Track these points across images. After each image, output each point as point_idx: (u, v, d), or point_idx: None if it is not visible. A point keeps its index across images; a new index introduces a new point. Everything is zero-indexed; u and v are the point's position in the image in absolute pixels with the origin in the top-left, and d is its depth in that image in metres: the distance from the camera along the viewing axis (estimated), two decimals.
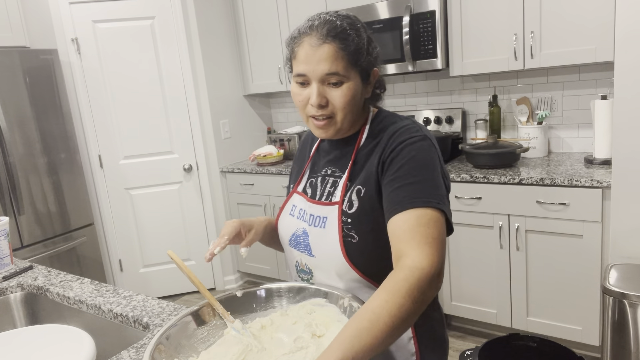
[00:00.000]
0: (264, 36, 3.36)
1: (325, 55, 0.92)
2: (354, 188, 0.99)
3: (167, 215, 3.45)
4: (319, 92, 0.94)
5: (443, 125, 2.98)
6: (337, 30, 0.93)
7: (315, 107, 0.96)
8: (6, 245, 1.63)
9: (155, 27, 3.21)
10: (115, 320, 1.27)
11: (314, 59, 0.92)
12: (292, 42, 0.97)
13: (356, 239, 0.96)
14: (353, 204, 0.98)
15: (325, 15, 0.96)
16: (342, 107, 0.95)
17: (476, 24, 2.50)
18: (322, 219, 1.01)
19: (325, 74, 0.93)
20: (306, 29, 0.94)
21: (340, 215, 0.98)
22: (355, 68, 0.95)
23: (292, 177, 1.20)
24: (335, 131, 1.00)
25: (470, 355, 1.94)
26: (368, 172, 0.98)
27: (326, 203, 1.02)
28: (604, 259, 2.12)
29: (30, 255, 2.81)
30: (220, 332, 0.99)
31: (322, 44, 0.92)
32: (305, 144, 1.22)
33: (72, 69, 3.13)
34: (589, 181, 2.09)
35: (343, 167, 1.04)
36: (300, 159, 1.21)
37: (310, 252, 1.04)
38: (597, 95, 2.51)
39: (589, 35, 2.22)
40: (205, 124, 3.40)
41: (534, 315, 2.37)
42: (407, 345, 1.01)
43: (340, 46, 0.92)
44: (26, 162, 2.82)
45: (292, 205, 1.11)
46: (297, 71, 0.96)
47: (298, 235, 1.06)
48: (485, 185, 2.36)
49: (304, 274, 1.07)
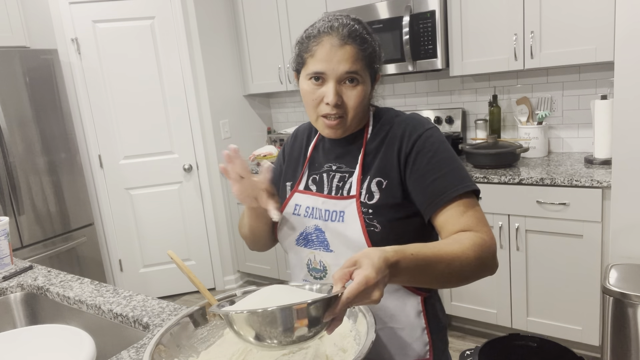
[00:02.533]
0: (264, 36, 3.36)
1: (347, 56, 0.94)
2: (371, 180, 1.00)
3: (167, 215, 3.45)
4: (336, 91, 0.96)
5: (443, 125, 2.98)
6: (357, 33, 0.96)
7: (331, 106, 0.97)
8: (6, 245, 1.63)
9: (155, 27, 3.21)
10: (115, 320, 1.27)
11: (335, 58, 0.94)
12: (309, 41, 0.98)
13: (379, 228, 0.97)
14: (374, 195, 0.99)
15: (342, 18, 0.98)
16: (354, 107, 0.98)
17: (476, 24, 2.50)
18: (339, 214, 1.01)
19: (345, 72, 0.95)
20: (327, 29, 0.96)
21: (360, 207, 0.99)
22: (369, 71, 0.99)
23: (288, 175, 1.16)
24: (343, 131, 1.02)
25: (470, 355, 1.94)
26: (385, 164, 1.00)
27: (342, 197, 1.02)
28: (604, 259, 2.12)
29: (30, 255, 2.81)
30: (220, 332, 0.99)
31: (344, 44, 0.95)
32: (298, 143, 1.19)
33: (72, 69, 3.13)
34: (589, 181, 2.09)
35: (351, 162, 1.05)
36: (293, 158, 1.17)
37: (327, 247, 1.03)
38: (597, 95, 2.51)
39: (589, 35, 2.22)
40: (205, 124, 3.40)
41: (534, 315, 2.37)
42: (422, 336, 1.04)
43: (360, 48, 0.96)
44: (26, 162, 2.82)
45: (295, 204, 1.09)
46: (314, 69, 0.97)
47: (309, 233, 1.05)
48: (485, 185, 2.36)
49: (317, 272, 1.06)
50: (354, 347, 0.86)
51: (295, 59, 1.04)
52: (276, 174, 1.20)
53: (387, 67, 2.76)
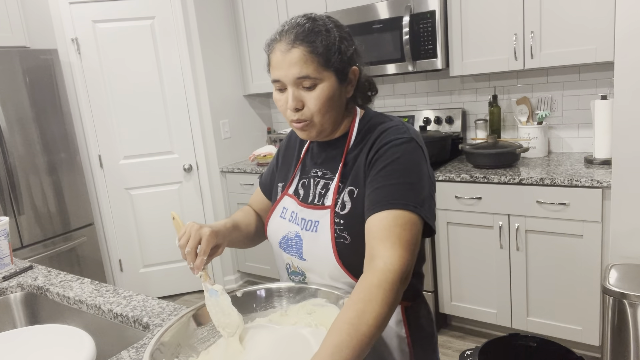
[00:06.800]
0: (264, 36, 3.35)
1: (295, 60, 0.92)
2: (345, 189, 0.99)
3: (167, 216, 3.44)
4: (294, 96, 0.95)
5: (443, 125, 2.98)
6: (305, 34, 0.93)
7: (292, 111, 0.96)
8: (6, 245, 1.63)
9: (155, 27, 3.21)
10: (115, 320, 1.27)
11: (285, 64, 0.93)
12: (267, 49, 0.99)
13: (349, 239, 0.97)
14: (345, 205, 0.98)
15: (295, 19, 0.96)
16: (317, 109, 0.96)
17: (476, 24, 2.50)
18: (313, 223, 1.01)
19: (296, 77, 0.93)
20: (276, 36, 0.96)
21: (333, 218, 0.98)
22: (328, 69, 0.94)
23: (281, 176, 1.16)
24: (317, 133, 1.00)
25: (470, 355, 1.94)
26: (357, 173, 0.99)
27: (318, 207, 1.02)
28: (604, 259, 2.12)
29: (30, 255, 2.81)
30: None
31: (291, 48, 0.93)
32: (292, 144, 1.19)
33: (72, 69, 3.13)
34: (589, 181, 2.09)
35: (333, 169, 1.04)
36: (287, 159, 1.18)
37: (301, 256, 1.03)
38: (597, 95, 2.51)
39: (589, 35, 2.22)
40: (205, 124, 3.40)
41: (534, 315, 2.37)
42: (400, 345, 1.02)
43: (308, 49, 0.92)
44: (26, 162, 2.82)
45: (283, 207, 1.10)
46: (272, 77, 0.97)
47: (290, 239, 1.06)
48: (485, 185, 2.36)
49: (296, 275, 1.07)
50: None
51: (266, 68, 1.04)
52: (268, 177, 1.23)
53: (387, 67, 2.76)
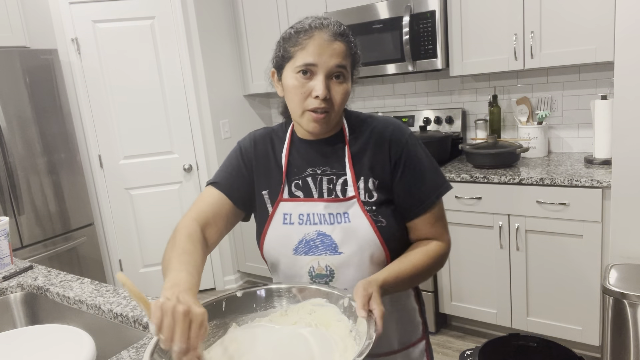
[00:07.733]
0: (264, 36, 3.36)
1: (338, 51, 0.98)
2: (366, 180, 1.04)
3: (167, 215, 3.44)
4: (325, 84, 0.97)
5: (443, 125, 2.98)
6: (345, 34, 1.01)
7: (320, 99, 0.97)
8: (6, 245, 1.63)
9: (155, 27, 3.21)
10: (115, 320, 1.27)
11: (327, 52, 0.97)
12: (298, 35, 0.99)
13: (384, 222, 1.03)
14: (373, 194, 1.04)
15: (330, 18, 1.02)
16: (340, 102, 1.00)
17: (476, 24, 2.50)
18: (342, 215, 1.03)
19: (336, 65, 0.97)
20: (318, 25, 0.99)
21: (363, 206, 1.03)
22: (352, 70, 1.03)
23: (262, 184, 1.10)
24: (327, 127, 1.03)
25: (470, 355, 1.94)
26: (375, 165, 1.05)
27: (342, 199, 1.04)
28: (604, 259, 2.12)
29: (30, 255, 2.80)
30: (221, 332, 0.99)
31: (335, 40, 0.98)
32: (262, 151, 1.12)
33: (72, 68, 3.13)
34: (589, 181, 2.09)
35: (337, 164, 1.06)
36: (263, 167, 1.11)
37: (334, 250, 1.02)
38: (597, 95, 2.51)
39: (589, 35, 2.22)
40: (205, 123, 3.40)
41: (534, 315, 2.37)
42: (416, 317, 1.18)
43: (348, 46, 1.00)
44: (26, 162, 2.82)
45: (284, 214, 1.06)
46: (305, 61, 0.97)
47: (310, 240, 1.04)
48: (485, 185, 2.36)
49: (322, 277, 1.04)
50: (354, 347, 0.86)
51: (279, 54, 1.03)
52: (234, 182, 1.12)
53: (387, 67, 2.76)
